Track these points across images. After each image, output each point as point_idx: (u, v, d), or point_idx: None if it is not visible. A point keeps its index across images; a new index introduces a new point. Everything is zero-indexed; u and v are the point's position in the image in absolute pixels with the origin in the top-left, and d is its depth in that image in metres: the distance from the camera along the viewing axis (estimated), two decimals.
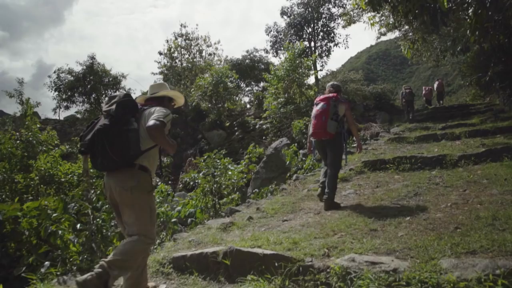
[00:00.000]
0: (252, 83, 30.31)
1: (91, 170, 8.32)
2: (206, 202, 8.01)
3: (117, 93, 3.06)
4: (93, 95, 21.67)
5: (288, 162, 10.50)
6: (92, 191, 5.88)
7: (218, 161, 8.88)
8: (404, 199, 4.73)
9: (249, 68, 27.98)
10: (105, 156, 2.67)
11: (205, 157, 8.90)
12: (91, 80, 20.94)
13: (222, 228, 4.63)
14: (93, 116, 20.37)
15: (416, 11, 7.13)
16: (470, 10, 7.07)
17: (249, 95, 30.58)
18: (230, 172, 8.91)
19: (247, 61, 28.44)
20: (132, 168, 2.75)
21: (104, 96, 21.98)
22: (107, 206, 5.11)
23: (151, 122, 2.64)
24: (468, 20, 7.50)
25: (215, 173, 8.57)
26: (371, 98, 17.95)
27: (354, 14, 15.37)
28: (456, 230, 3.18)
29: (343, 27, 18.46)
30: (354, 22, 15.53)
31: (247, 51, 29.05)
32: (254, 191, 10.82)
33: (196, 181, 9.19)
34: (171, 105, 3.28)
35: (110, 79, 21.71)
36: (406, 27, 7.48)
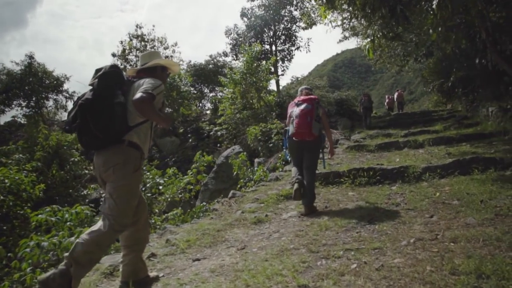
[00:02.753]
0: (216, 88, 29.01)
1: None
2: None
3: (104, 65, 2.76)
4: (34, 98, 19.52)
5: (235, 172, 9.25)
6: None
7: (148, 173, 7.52)
8: (356, 228, 3.59)
9: (212, 73, 26.64)
10: (90, 134, 2.45)
11: None
12: (31, 82, 18.81)
13: (108, 272, 3.31)
14: (33, 121, 18.32)
15: (374, 3, 6.19)
16: (434, 2, 6.17)
17: (223, 101, 29.14)
18: (161, 187, 7.55)
19: (210, 66, 27.12)
20: (121, 144, 2.52)
21: (45, 99, 19.96)
22: None
23: (137, 95, 2.41)
24: (431, 14, 6.60)
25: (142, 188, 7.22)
26: (332, 104, 17.12)
27: (315, 15, 14.47)
28: None
29: (303, 28, 17.56)
30: (314, 24, 14.61)
31: (211, 56, 27.76)
32: (202, 203, 9.54)
33: None
34: (165, 75, 3.00)
35: (53, 81, 19.61)
36: (365, 23, 6.46)
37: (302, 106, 4.64)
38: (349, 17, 6.67)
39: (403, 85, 75.33)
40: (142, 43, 22.50)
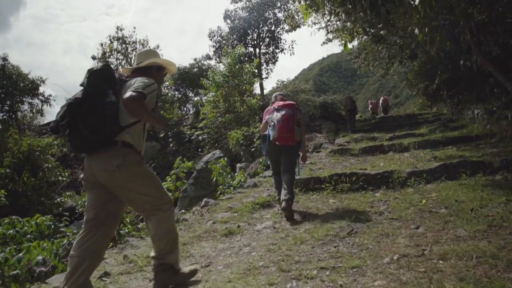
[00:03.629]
0: (200, 92, 28.46)
1: None
2: None
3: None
4: (8, 102, 18.65)
5: (214, 178, 8.81)
6: None
7: None
8: (333, 242, 3.20)
9: (197, 77, 26.08)
10: (80, 135, 2.32)
11: None
12: (4, 85, 17.94)
13: None
14: (6, 126, 17.56)
15: None
16: None
17: (206, 104, 28.53)
18: None
19: (195, 69, 26.58)
20: (114, 146, 2.40)
21: (20, 102, 19.12)
22: None
23: (127, 94, 2.29)
24: (415, 11, 6.31)
25: None
26: (312, 106, 16.83)
27: (299, 17, 14.16)
28: None
29: (287, 31, 17.25)
30: (298, 26, 14.31)
31: (195, 60, 27.20)
32: (180, 211, 9.08)
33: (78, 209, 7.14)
34: (162, 75, 2.89)
35: (27, 84, 18.78)
36: (345, 17, 6.13)
37: (283, 111, 4.61)
38: (329, 13, 6.33)
39: (389, 89, 75.99)
40: (123, 45, 21.88)
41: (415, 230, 3.11)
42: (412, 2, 6.31)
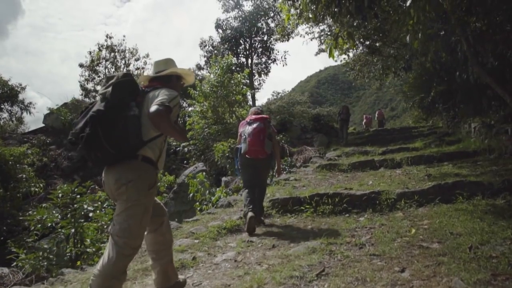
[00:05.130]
0: (187, 101, 27.87)
1: None
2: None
3: (115, 73, 2.80)
4: None
5: (191, 194, 8.15)
6: None
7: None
8: (297, 287, 2.55)
9: (190, 87, 25.57)
10: (100, 148, 2.20)
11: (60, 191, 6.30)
12: None
13: None
14: None
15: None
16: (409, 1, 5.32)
17: (193, 115, 27.94)
18: (99, 211, 6.38)
19: None
20: (135, 160, 2.29)
21: None
22: None
23: (153, 108, 2.20)
24: (408, 17, 5.76)
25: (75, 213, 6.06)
26: (307, 119, 16.26)
27: (289, 26, 13.70)
28: None
29: (277, 39, 16.76)
30: (288, 35, 13.84)
31: (189, 70, 26.60)
32: None
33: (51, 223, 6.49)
34: (180, 84, 2.79)
35: (6, 90, 18.08)
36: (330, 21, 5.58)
37: (255, 125, 4.68)
38: (313, 17, 5.78)
39: (385, 101, 75.79)
40: (112, 54, 21.34)
41: (399, 275, 2.46)
42: (404, 5, 5.80)
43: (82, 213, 5.86)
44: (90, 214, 5.93)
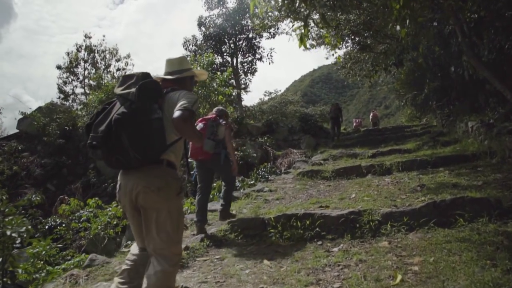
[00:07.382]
0: None
1: None
2: None
3: (133, 72, 3.20)
4: None
5: None
6: None
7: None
8: None
9: None
10: (123, 152, 2.09)
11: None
12: None
13: None
14: None
15: None
16: None
17: None
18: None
19: None
20: (160, 165, 2.21)
21: None
22: None
23: (177, 113, 2.07)
24: (393, 2, 4.84)
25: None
26: (294, 118, 15.39)
27: (269, 20, 12.77)
28: None
29: (258, 33, 15.84)
30: (270, 27, 12.94)
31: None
32: (127, 243, 7.50)
33: None
34: (194, 82, 2.69)
35: None
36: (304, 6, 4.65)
37: (197, 127, 4.47)
38: (281, 4, 4.85)
39: (379, 100, 75.12)
40: (91, 54, 20.30)
41: None
42: None
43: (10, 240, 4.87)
44: (18, 241, 4.94)
